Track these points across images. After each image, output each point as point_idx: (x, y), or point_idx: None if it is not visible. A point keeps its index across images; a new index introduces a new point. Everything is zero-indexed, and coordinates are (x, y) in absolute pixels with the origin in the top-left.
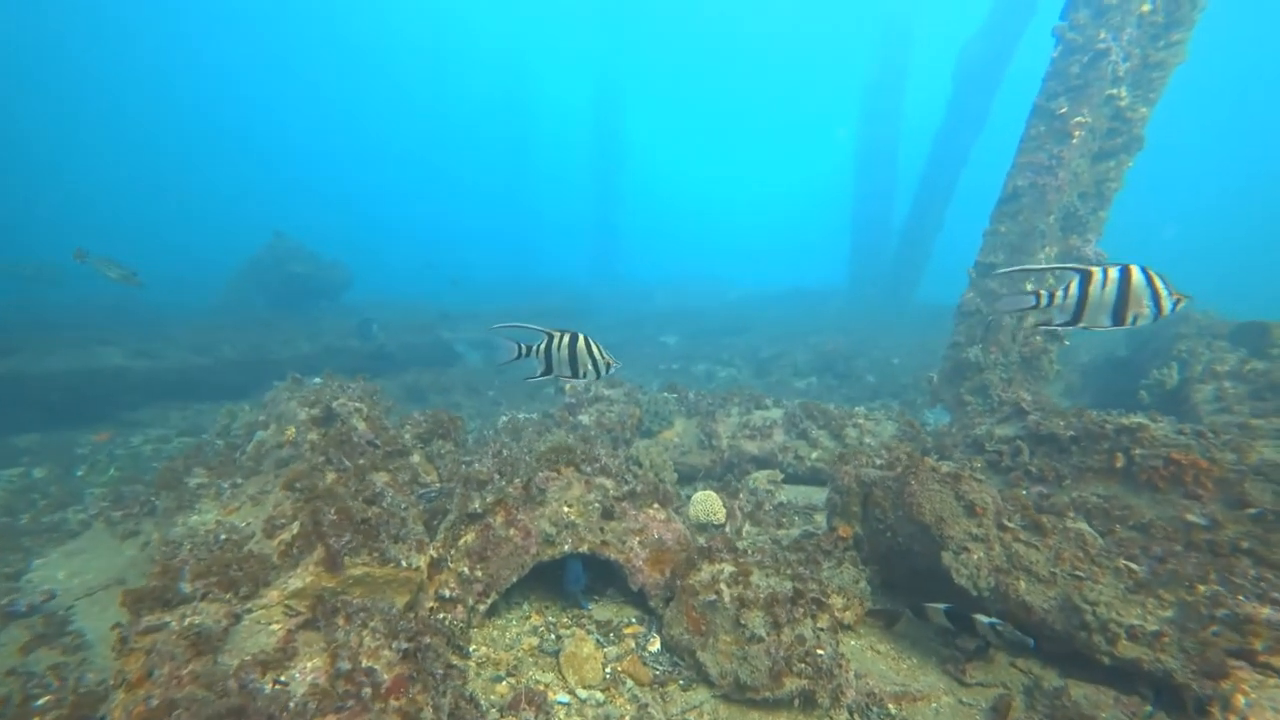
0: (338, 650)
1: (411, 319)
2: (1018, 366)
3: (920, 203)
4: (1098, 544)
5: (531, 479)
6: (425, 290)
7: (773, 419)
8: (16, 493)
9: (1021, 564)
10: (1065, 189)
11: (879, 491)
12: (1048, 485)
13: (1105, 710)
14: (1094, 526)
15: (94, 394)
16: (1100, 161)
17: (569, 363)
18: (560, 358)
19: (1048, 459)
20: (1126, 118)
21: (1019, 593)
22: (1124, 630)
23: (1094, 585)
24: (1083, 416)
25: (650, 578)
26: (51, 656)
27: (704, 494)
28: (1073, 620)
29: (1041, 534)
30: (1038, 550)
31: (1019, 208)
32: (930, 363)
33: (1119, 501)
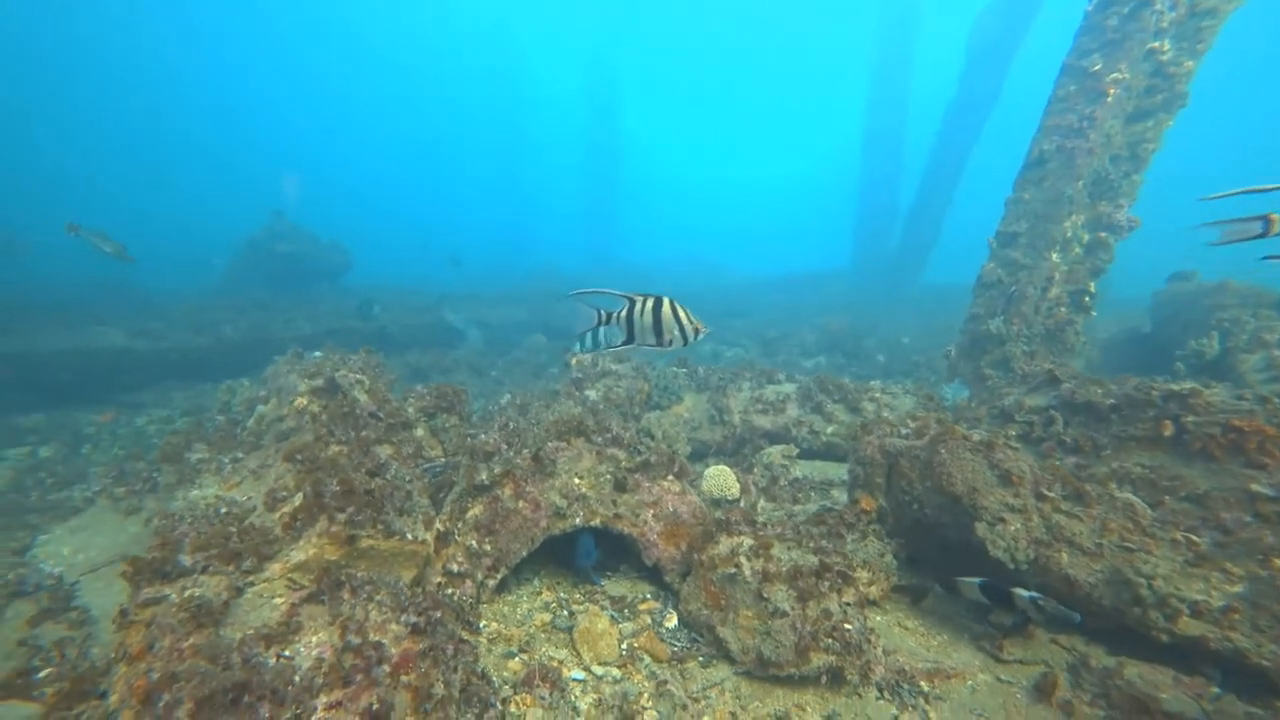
0: (344, 624)
1: (411, 300)
2: (1041, 339)
3: (928, 182)
4: (1149, 515)
5: (540, 449)
6: (424, 273)
7: (786, 393)
8: (24, 471)
9: (1063, 535)
10: (1096, 152)
11: (905, 462)
12: (1084, 456)
13: (1165, 691)
14: (1140, 498)
15: (96, 375)
16: (1136, 122)
17: (653, 329)
18: (643, 324)
19: (1083, 429)
20: (1168, 73)
21: (1061, 565)
22: (1186, 606)
23: (1147, 558)
24: (1125, 383)
25: (665, 552)
26: (57, 631)
27: (717, 469)
28: (1124, 595)
29: (1084, 504)
30: (1081, 521)
31: (1044, 173)
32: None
33: (1167, 472)
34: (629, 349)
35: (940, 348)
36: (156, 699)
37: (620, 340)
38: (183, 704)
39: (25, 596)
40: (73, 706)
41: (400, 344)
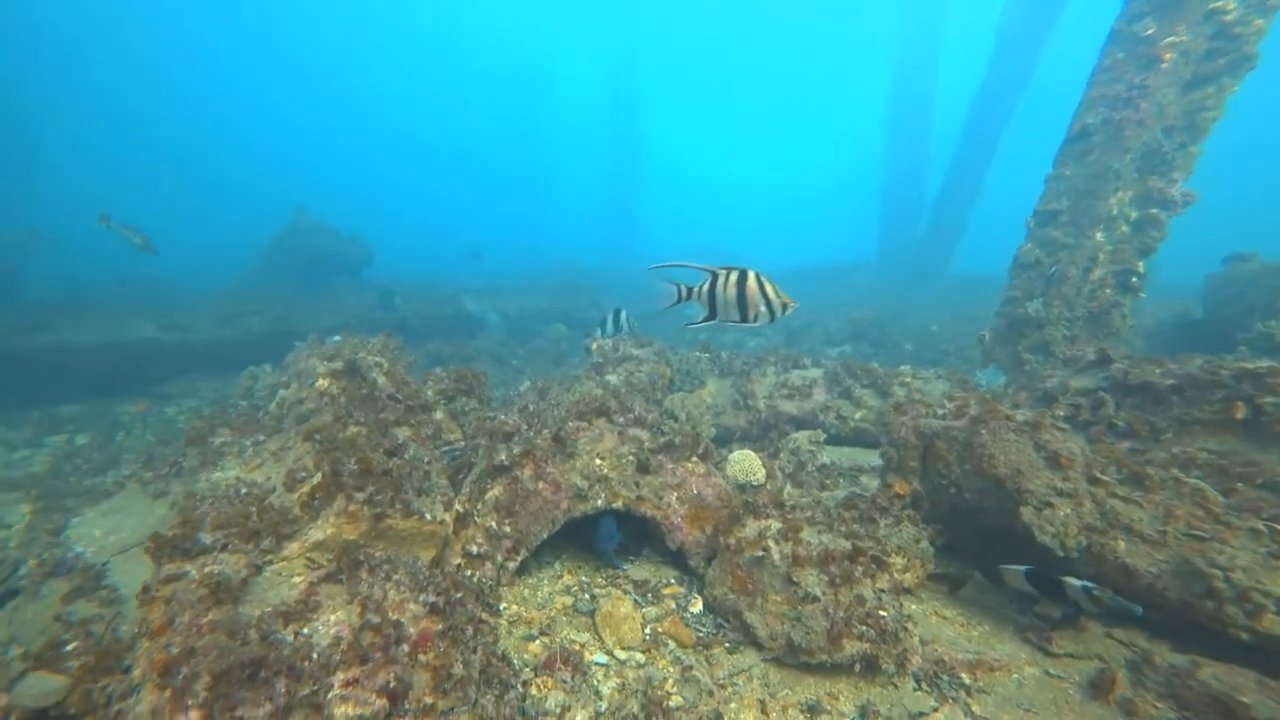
0: (363, 603)
1: (432, 293)
2: (1083, 322)
3: (955, 170)
4: (1220, 502)
5: (561, 429)
6: (445, 269)
7: (812, 378)
8: (62, 457)
9: (1120, 522)
10: (1148, 123)
11: (942, 444)
12: (1138, 441)
13: (1247, 694)
14: (1208, 484)
15: (129, 366)
16: (1194, 89)
17: (737, 304)
18: (726, 299)
19: (1137, 412)
20: (1234, 34)
21: (1117, 554)
22: (1272, 602)
23: (1223, 548)
24: (1188, 362)
25: (690, 536)
26: (88, 608)
27: (742, 453)
28: (1194, 587)
29: (1145, 489)
30: (1141, 507)
31: (1088, 147)
32: (971, 330)
33: (1240, 457)
34: (710, 325)
35: (970, 336)
36: (175, 672)
37: (702, 317)
38: (201, 677)
39: (60, 575)
40: (98, 679)
41: (421, 335)
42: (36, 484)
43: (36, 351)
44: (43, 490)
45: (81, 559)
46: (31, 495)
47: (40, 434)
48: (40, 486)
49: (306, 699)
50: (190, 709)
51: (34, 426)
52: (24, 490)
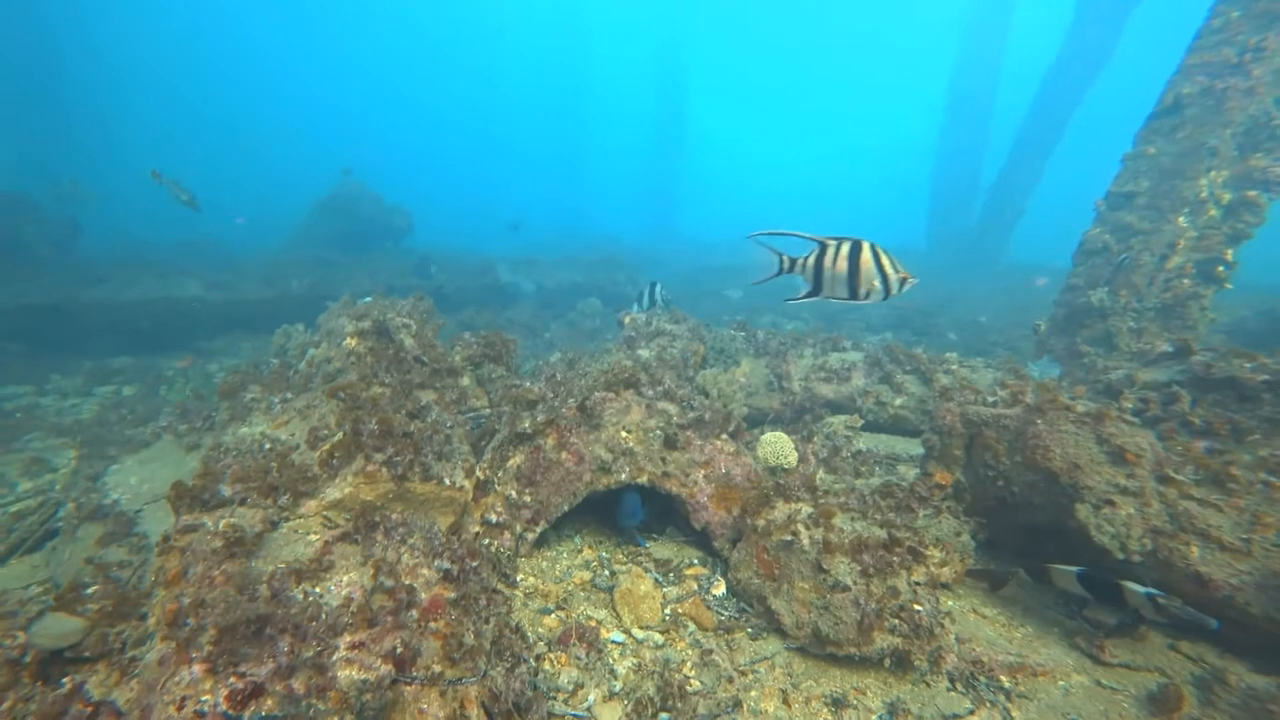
0: (377, 565)
1: (469, 263)
2: (1154, 314)
3: (1018, 152)
4: None
5: (586, 399)
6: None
7: (852, 361)
8: (108, 407)
9: (1195, 526)
10: (1259, 91)
11: (990, 433)
12: (1218, 441)
13: None
14: None
15: (176, 323)
16: None
17: (846, 279)
18: (835, 273)
19: (1218, 409)
20: None
21: (1189, 561)
22: None
23: None
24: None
25: (715, 516)
26: (118, 554)
27: (773, 434)
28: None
29: (1227, 492)
30: (1220, 511)
31: (1180, 121)
32: (1024, 321)
33: None
34: (812, 301)
35: (1022, 328)
36: (183, 624)
37: (804, 293)
38: (206, 630)
39: (96, 520)
40: (115, 624)
41: (456, 304)
42: (83, 431)
43: (91, 305)
44: (88, 437)
45: (116, 506)
46: (77, 441)
47: (91, 384)
48: (86, 433)
49: (310, 660)
50: (195, 661)
51: (85, 376)
52: (71, 436)
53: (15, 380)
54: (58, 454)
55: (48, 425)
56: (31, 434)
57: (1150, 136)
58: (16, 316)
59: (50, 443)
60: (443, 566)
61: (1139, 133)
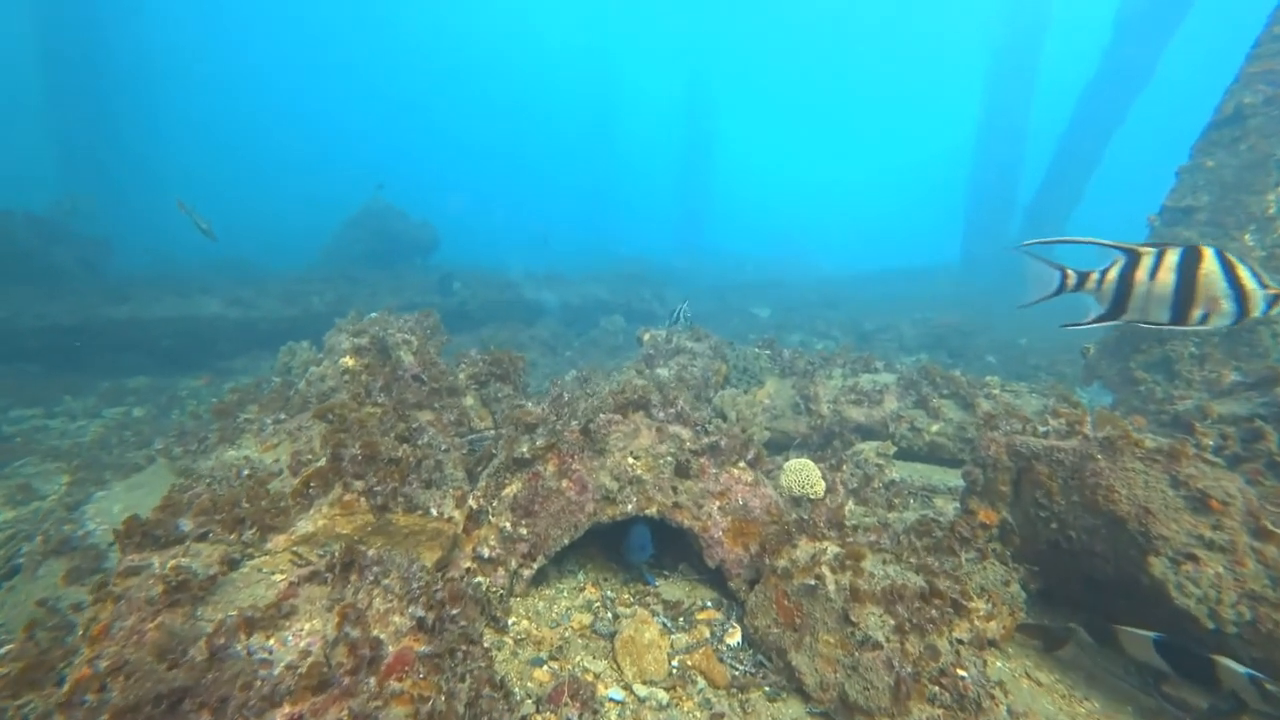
0: (344, 612)
1: (493, 278)
2: (1219, 339)
3: (1056, 170)
4: None
5: (591, 422)
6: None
7: (884, 383)
8: (114, 429)
9: None
10: None
11: (1043, 468)
12: None
13: None
14: None
15: (196, 341)
16: None
17: (1171, 298)
18: (1152, 291)
19: None
20: None
21: None
22: None
23: None
24: None
25: (731, 553)
26: (80, 594)
27: (799, 462)
28: None
29: None
30: None
31: (1241, 132)
32: (1068, 344)
33: None
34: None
35: (1066, 352)
36: (80, 700)
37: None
38: (102, 714)
39: (63, 554)
40: (20, 694)
41: (478, 320)
42: (81, 454)
43: (112, 325)
44: (85, 461)
45: (89, 538)
46: (72, 466)
47: (103, 405)
48: (84, 457)
49: None
50: None
51: (99, 397)
52: (67, 460)
53: (26, 403)
54: (50, 480)
55: (44, 449)
56: (26, 459)
57: (1209, 148)
58: (38, 337)
59: (44, 468)
60: (416, 614)
61: (1196, 144)
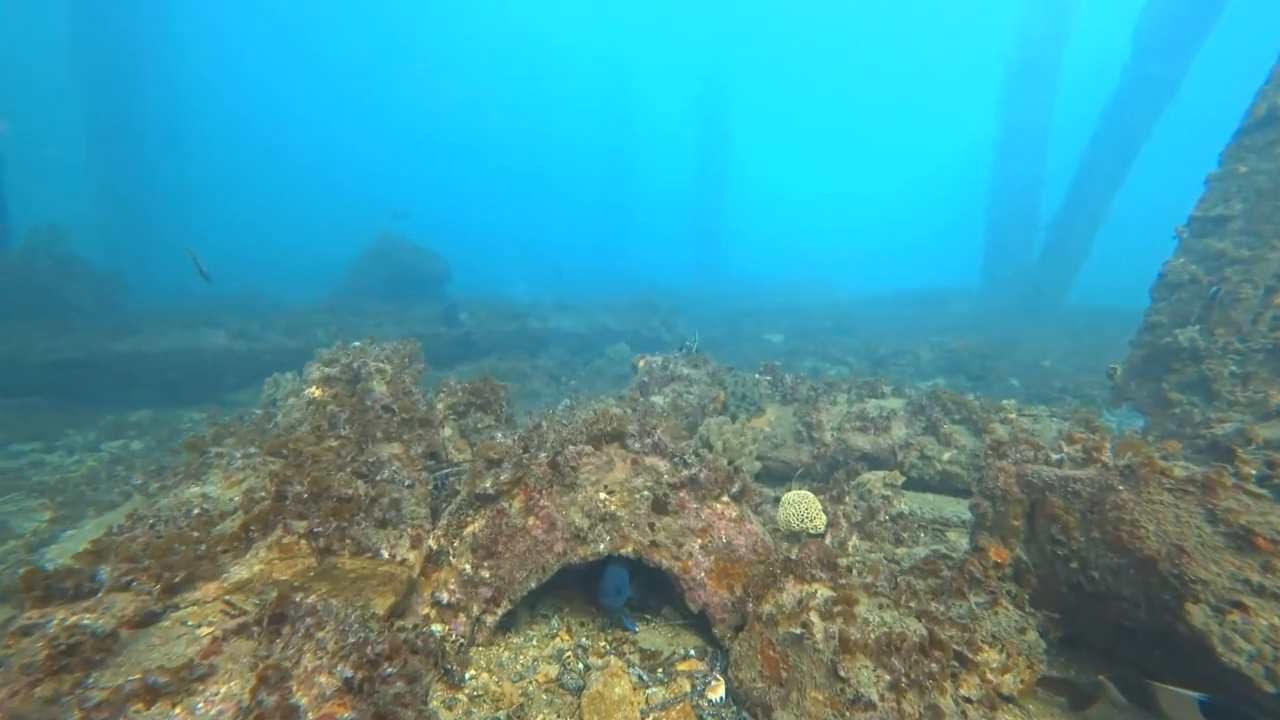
0: (262, 675)
1: (501, 307)
2: (1263, 356)
3: (1079, 187)
4: None
5: (559, 454)
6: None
7: (891, 409)
8: (107, 463)
9: None
10: None
11: (1057, 499)
12: None
13: None
14: None
15: (202, 374)
16: None
17: None
18: None
19: None
20: None
21: None
22: None
23: None
24: None
25: (715, 595)
26: None
27: (798, 493)
28: None
29: None
30: None
31: (1277, 135)
32: (1094, 367)
33: None
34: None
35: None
36: None
37: None
38: None
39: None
40: None
41: (483, 350)
42: (68, 491)
43: (119, 358)
44: (69, 498)
45: None
46: (56, 503)
47: (102, 439)
48: (69, 494)
49: None
50: None
51: (99, 431)
52: (51, 497)
53: (26, 438)
54: (31, 517)
55: (31, 485)
56: (10, 495)
57: (1240, 154)
58: (46, 371)
59: (26, 504)
60: (344, 674)
61: (1226, 150)
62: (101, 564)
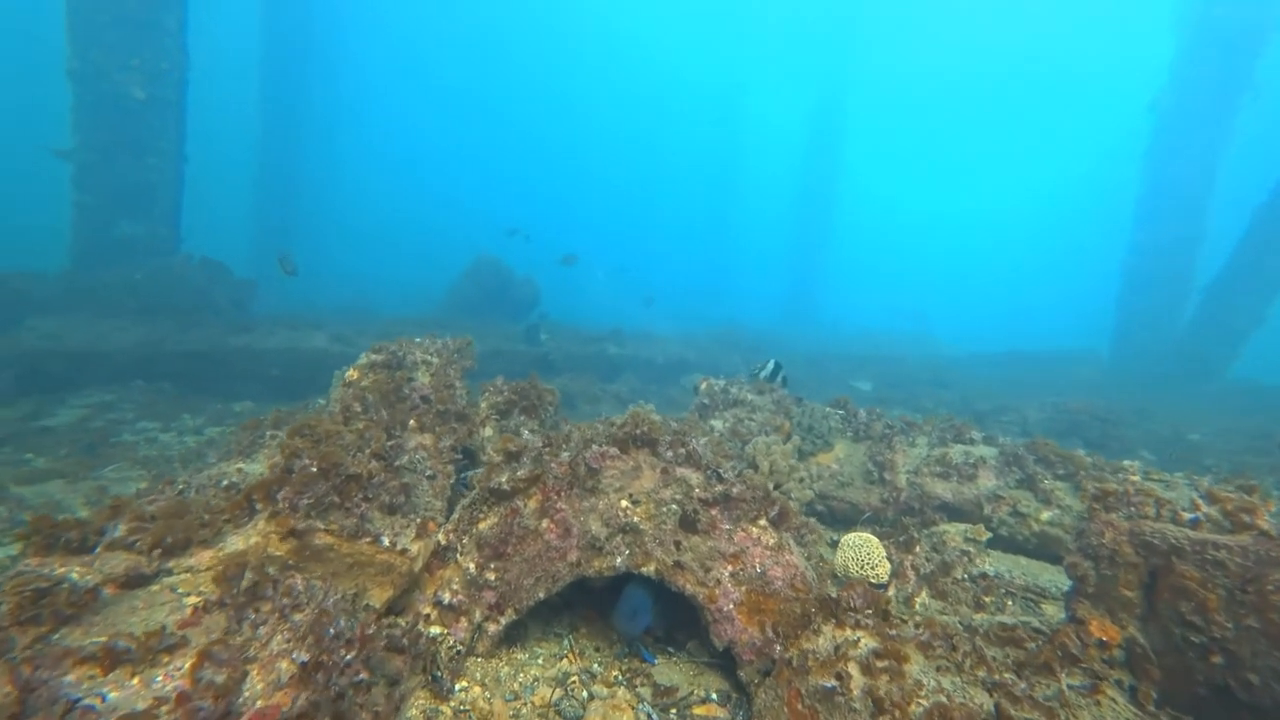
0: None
1: (583, 331)
2: None
3: (1249, 249)
4: None
5: (581, 454)
6: (616, 311)
7: (980, 456)
8: (203, 444)
9: None
10: None
11: (1189, 570)
12: None
13: None
14: None
15: (302, 371)
16: None
17: None
18: None
19: None
20: None
21: None
22: None
23: None
24: None
25: (744, 632)
26: None
27: (859, 536)
28: None
29: None
30: None
31: None
32: (1256, 446)
33: None
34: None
35: (1262, 455)
36: None
37: None
38: None
39: None
40: None
41: (560, 370)
42: (162, 465)
43: (232, 352)
44: (161, 471)
45: None
46: (151, 475)
47: (207, 424)
48: (163, 468)
49: None
50: None
51: (207, 417)
52: (148, 469)
53: (152, 416)
54: (129, 485)
55: (138, 457)
56: (119, 464)
57: None
58: (177, 360)
59: (129, 474)
60: (301, 658)
61: None
62: (116, 519)
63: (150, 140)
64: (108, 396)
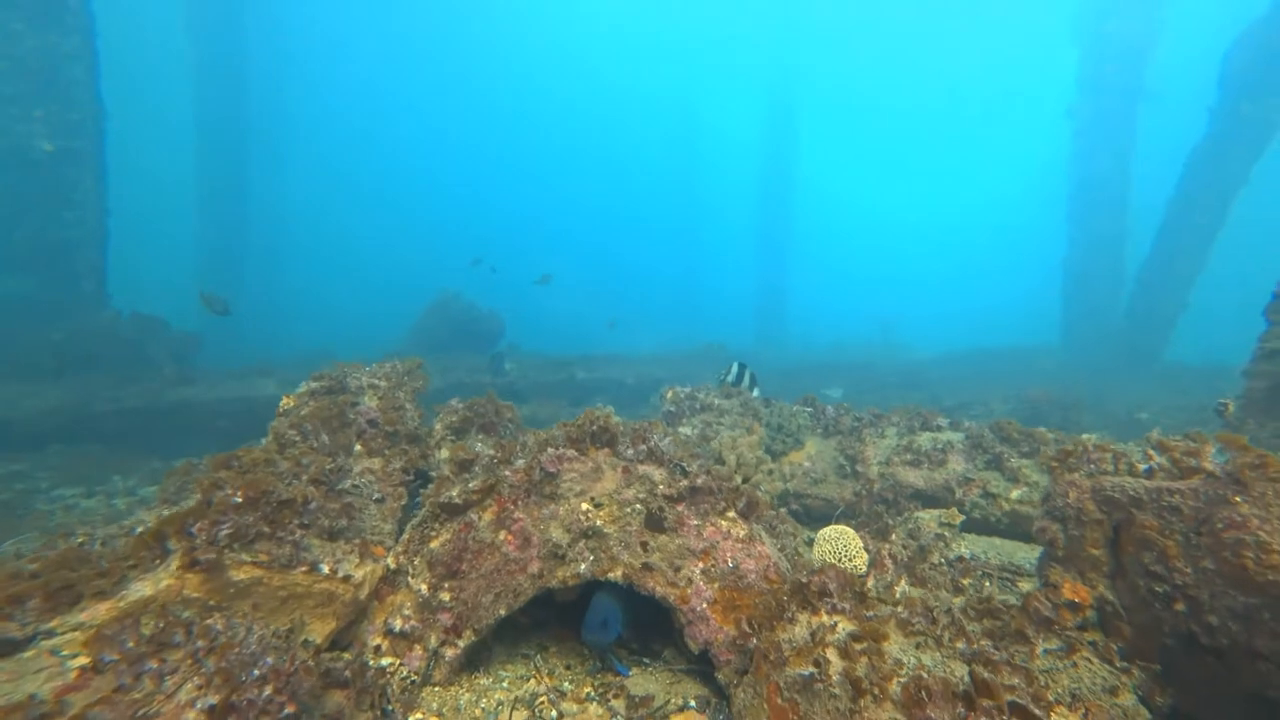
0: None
1: (549, 357)
2: None
3: (1165, 242)
4: None
5: (538, 458)
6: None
7: (948, 442)
8: (134, 505)
9: None
10: None
11: (1149, 520)
12: None
13: None
14: None
15: (251, 421)
16: None
17: None
18: None
19: None
20: None
21: None
22: None
23: None
24: None
25: (720, 631)
26: None
27: (835, 529)
28: None
29: None
30: None
31: None
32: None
33: None
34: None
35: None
36: None
37: None
38: None
39: None
40: None
41: (526, 399)
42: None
43: (172, 406)
44: None
45: None
46: None
47: (142, 484)
48: None
49: None
50: None
51: (141, 477)
52: None
53: (72, 482)
54: None
55: (49, 526)
56: (27, 534)
57: None
58: (108, 420)
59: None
60: (208, 704)
61: None
62: None
63: (65, 193)
64: (16, 466)
